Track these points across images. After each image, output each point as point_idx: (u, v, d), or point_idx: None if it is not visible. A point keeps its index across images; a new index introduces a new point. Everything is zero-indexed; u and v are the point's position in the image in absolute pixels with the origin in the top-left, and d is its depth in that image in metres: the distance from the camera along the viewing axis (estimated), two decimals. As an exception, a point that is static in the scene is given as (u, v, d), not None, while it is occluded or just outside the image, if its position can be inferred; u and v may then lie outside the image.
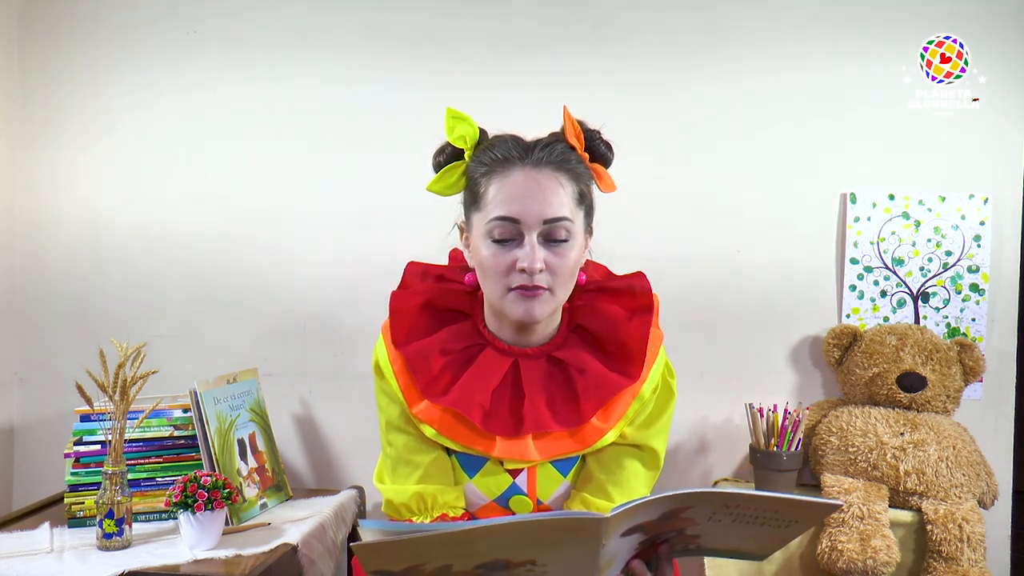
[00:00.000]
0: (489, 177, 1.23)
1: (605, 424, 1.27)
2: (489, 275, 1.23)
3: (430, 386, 1.27)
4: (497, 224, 1.21)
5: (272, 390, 2.11)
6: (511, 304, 1.22)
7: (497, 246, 1.21)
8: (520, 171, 1.22)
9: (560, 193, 1.21)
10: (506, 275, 1.21)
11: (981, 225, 2.00)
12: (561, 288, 1.23)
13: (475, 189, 1.26)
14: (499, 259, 1.21)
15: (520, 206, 1.20)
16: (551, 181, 1.21)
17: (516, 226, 1.20)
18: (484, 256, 1.23)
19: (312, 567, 1.70)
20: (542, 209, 1.20)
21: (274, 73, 2.14)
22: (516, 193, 1.20)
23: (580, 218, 1.25)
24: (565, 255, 1.22)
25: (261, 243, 2.16)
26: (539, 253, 1.20)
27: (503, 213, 1.20)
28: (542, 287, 1.21)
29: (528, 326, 1.27)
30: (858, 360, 1.95)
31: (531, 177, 1.21)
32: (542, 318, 1.24)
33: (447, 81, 2.10)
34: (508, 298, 1.22)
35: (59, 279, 2.21)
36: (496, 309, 1.27)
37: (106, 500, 1.59)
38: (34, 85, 2.20)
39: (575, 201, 1.24)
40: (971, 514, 1.76)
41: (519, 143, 1.25)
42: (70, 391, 1.66)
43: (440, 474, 1.31)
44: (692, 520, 1.01)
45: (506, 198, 1.21)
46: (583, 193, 1.26)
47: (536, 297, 1.21)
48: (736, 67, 2.05)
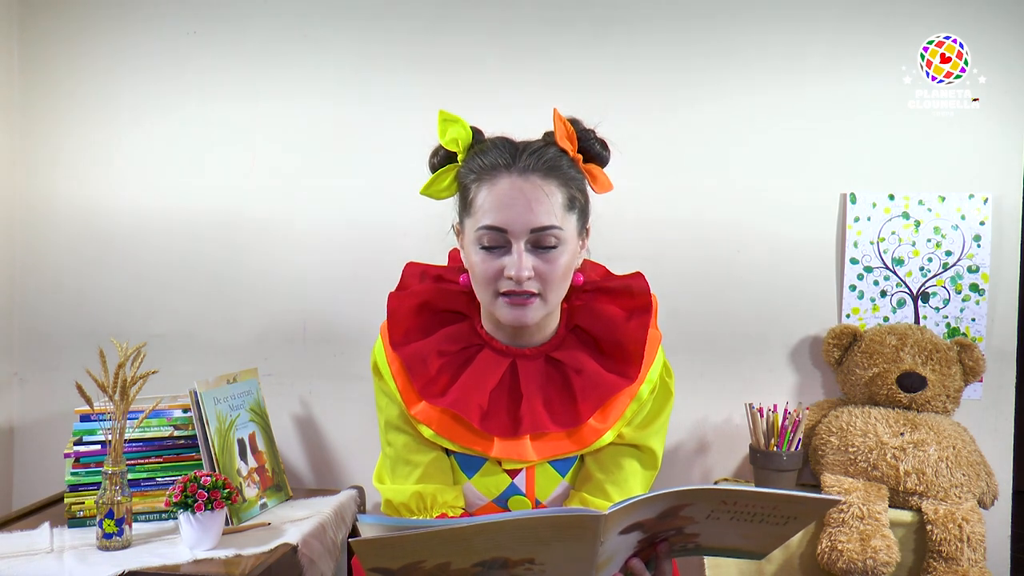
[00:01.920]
0: (479, 184, 1.23)
1: (603, 425, 1.27)
2: (479, 281, 1.23)
3: (428, 387, 1.27)
4: (484, 232, 1.21)
5: (272, 390, 2.11)
6: (501, 310, 1.23)
7: (485, 253, 1.22)
8: (507, 179, 1.21)
9: (547, 202, 1.21)
10: (494, 281, 1.21)
11: (981, 225, 2.00)
12: (552, 293, 1.23)
13: (465, 195, 1.26)
14: (487, 266, 1.21)
15: (507, 215, 1.20)
16: (538, 191, 1.21)
17: (503, 235, 1.20)
18: (474, 262, 1.23)
19: (312, 567, 1.70)
20: (528, 219, 1.20)
21: (274, 73, 2.14)
22: (503, 202, 1.20)
23: (572, 223, 1.24)
24: (554, 262, 1.22)
25: (261, 243, 2.16)
26: (527, 261, 1.20)
27: (490, 222, 1.20)
28: (532, 293, 1.21)
29: (522, 328, 1.28)
30: (858, 360, 1.95)
31: (517, 187, 1.21)
32: (533, 323, 1.24)
33: (447, 81, 2.10)
34: (498, 304, 1.23)
35: (59, 279, 2.21)
36: (489, 312, 1.28)
37: (106, 500, 1.59)
38: (34, 85, 2.20)
39: (564, 208, 1.23)
40: (971, 514, 1.76)
41: (508, 149, 1.24)
42: (70, 391, 1.66)
43: (439, 474, 1.31)
44: (691, 518, 1.01)
45: (493, 206, 1.20)
46: (574, 198, 1.25)
47: (526, 305, 1.21)
48: (736, 67, 2.05)
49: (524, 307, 1.21)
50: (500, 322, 1.28)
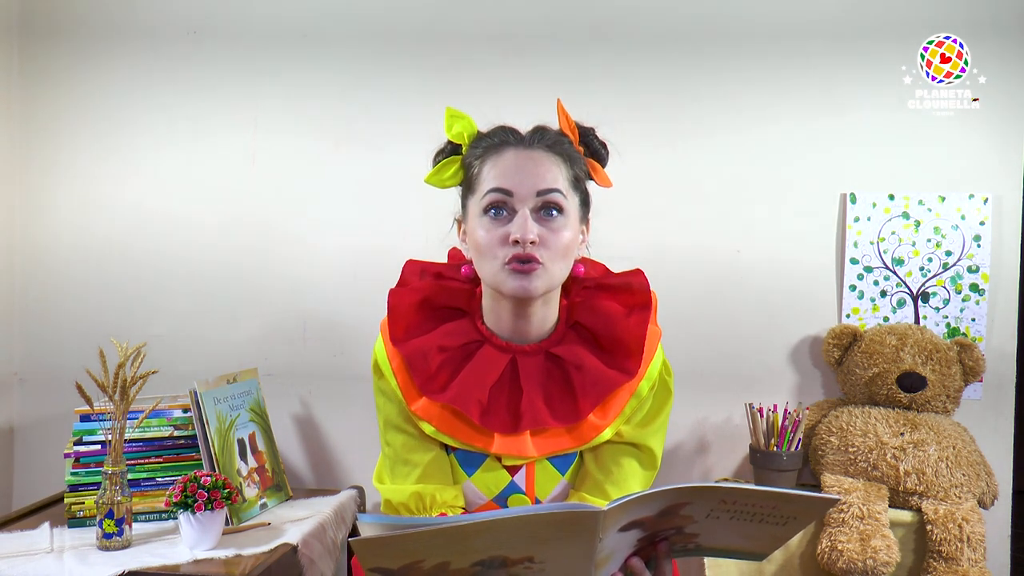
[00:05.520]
0: (483, 160, 1.26)
1: (603, 421, 1.28)
2: (484, 252, 1.23)
3: (428, 383, 1.27)
4: (490, 196, 1.22)
5: (272, 390, 2.11)
6: (506, 279, 1.22)
7: (491, 221, 1.22)
8: (513, 151, 1.25)
9: (553, 169, 1.24)
10: (500, 248, 1.22)
11: (981, 225, 2.00)
12: (555, 264, 1.23)
13: (470, 174, 1.28)
14: (492, 234, 1.22)
15: (512, 179, 1.22)
16: (544, 160, 1.24)
17: (509, 199, 1.22)
18: (479, 235, 1.23)
19: (312, 567, 1.70)
20: (534, 181, 1.22)
21: (274, 73, 2.14)
22: (509, 168, 1.23)
23: (575, 202, 1.26)
24: (559, 231, 1.22)
25: (261, 243, 2.16)
26: (532, 225, 1.20)
27: (496, 185, 1.22)
28: (535, 259, 1.20)
29: (525, 312, 1.27)
30: (858, 360, 1.95)
31: (524, 155, 1.24)
32: (537, 294, 1.23)
33: (447, 80, 2.10)
34: (503, 274, 1.22)
35: (59, 279, 2.21)
36: (492, 288, 1.27)
37: (106, 500, 1.59)
38: (34, 85, 2.20)
39: (569, 182, 1.26)
40: (971, 514, 1.76)
41: (513, 130, 1.29)
42: (70, 391, 1.66)
43: (439, 473, 1.31)
44: (690, 517, 1.01)
45: (499, 173, 1.23)
46: (577, 177, 1.28)
47: (531, 272, 1.21)
48: (736, 66, 2.05)
49: (528, 275, 1.21)
50: (501, 315, 1.28)
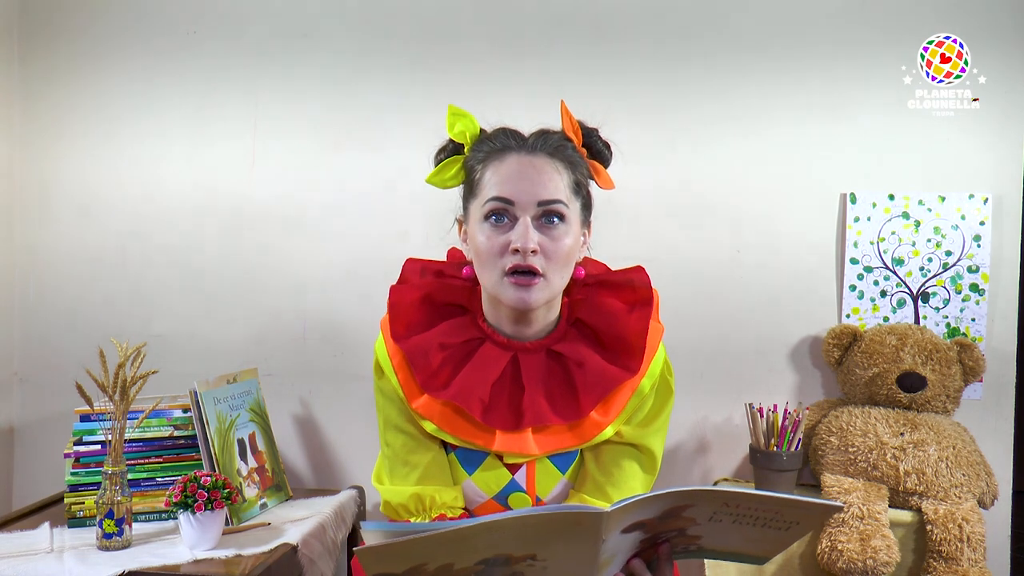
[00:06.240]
0: (485, 165, 1.25)
1: (604, 418, 1.27)
2: (485, 260, 1.23)
3: (430, 380, 1.27)
4: (491, 204, 1.22)
5: (272, 390, 2.11)
6: (506, 291, 1.22)
7: (492, 228, 1.22)
8: (515, 157, 1.24)
9: (555, 177, 1.23)
10: (500, 256, 1.21)
11: (981, 225, 2.00)
12: (556, 274, 1.23)
13: (472, 177, 1.28)
14: (493, 241, 1.22)
15: (514, 187, 1.21)
16: (545, 167, 1.23)
17: (511, 208, 1.21)
18: (480, 241, 1.23)
19: (312, 567, 1.70)
20: (536, 191, 1.21)
21: (274, 73, 2.14)
22: (511, 175, 1.22)
23: (576, 207, 1.26)
24: (560, 239, 1.22)
25: (261, 243, 2.16)
26: (533, 234, 1.20)
27: (497, 194, 1.22)
28: (536, 269, 1.20)
29: (526, 316, 1.27)
30: (858, 360, 1.95)
31: (525, 162, 1.23)
32: (537, 305, 1.23)
33: (448, 80, 2.10)
34: (503, 284, 1.22)
35: (59, 279, 2.21)
36: (492, 297, 1.27)
37: (106, 500, 1.59)
38: (34, 84, 2.20)
39: (571, 189, 1.25)
40: (971, 514, 1.76)
41: (515, 134, 1.28)
42: (70, 391, 1.66)
43: (438, 474, 1.31)
44: (693, 520, 1.01)
45: (501, 180, 1.22)
46: (579, 183, 1.27)
47: (531, 285, 1.21)
48: (736, 66, 2.05)
49: (528, 288, 1.21)
50: (501, 313, 1.28)
